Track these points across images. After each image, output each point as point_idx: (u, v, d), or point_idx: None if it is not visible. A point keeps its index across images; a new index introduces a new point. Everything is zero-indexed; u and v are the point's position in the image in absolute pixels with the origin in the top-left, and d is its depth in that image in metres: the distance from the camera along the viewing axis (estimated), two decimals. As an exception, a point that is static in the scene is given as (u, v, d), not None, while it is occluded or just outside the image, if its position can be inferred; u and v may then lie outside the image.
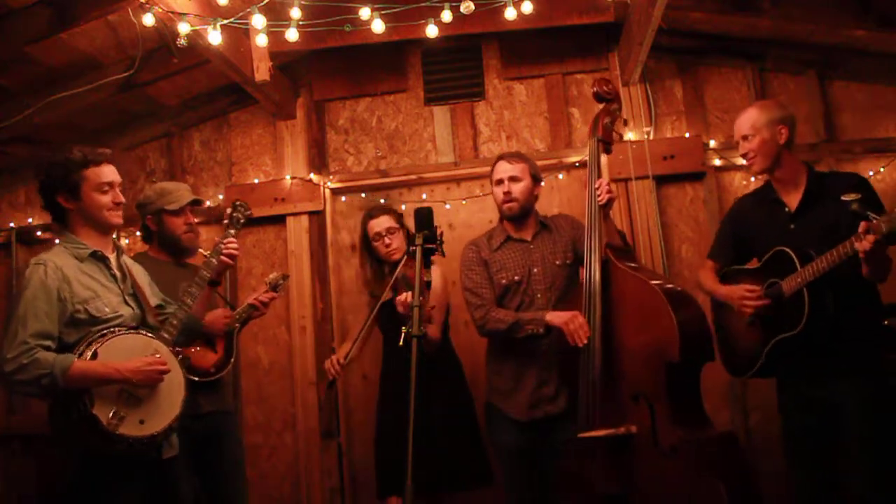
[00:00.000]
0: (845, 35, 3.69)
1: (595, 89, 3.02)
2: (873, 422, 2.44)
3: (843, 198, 2.31)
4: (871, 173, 3.86)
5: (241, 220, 2.76)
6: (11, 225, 4.31)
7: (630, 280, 2.71)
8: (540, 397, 2.94)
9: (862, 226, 2.22)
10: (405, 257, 3.23)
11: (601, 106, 3.01)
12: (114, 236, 2.50)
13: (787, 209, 2.67)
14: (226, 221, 2.75)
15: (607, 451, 2.63)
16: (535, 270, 3.02)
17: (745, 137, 2.71)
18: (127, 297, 2.37)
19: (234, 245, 2.63)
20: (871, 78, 3.94)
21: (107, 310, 2.28)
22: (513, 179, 3.05)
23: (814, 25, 3.66)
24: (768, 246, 2.63)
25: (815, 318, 2.44)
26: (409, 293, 3.03)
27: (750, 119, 2.71)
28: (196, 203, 3.11)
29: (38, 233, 4.28)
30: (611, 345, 2.68)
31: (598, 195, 2.83)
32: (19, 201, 4.42)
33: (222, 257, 2.59)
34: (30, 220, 4.34)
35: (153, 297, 2.52)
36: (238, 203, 2.80)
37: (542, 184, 3.20)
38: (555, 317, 2.80)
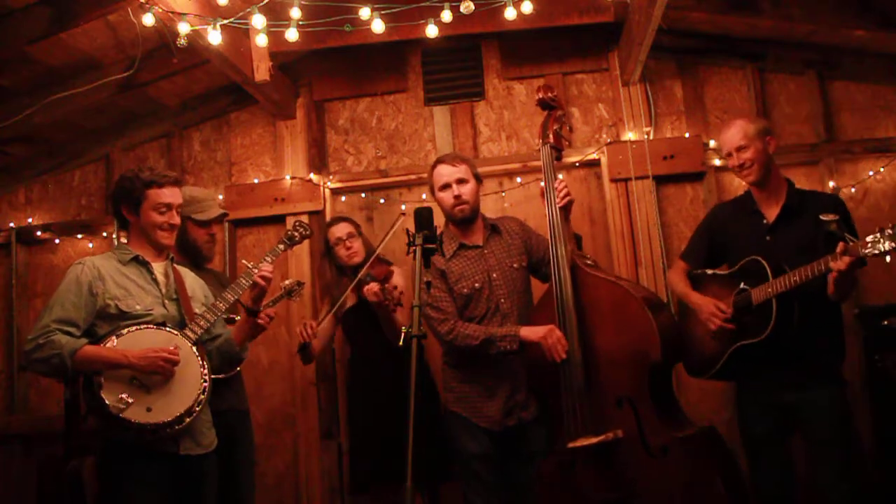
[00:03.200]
0: (845, 35, 3.69)
1: (540, 96, 2.97)
2: (837, 426, 2.60)
3: (821, 217, 2.45)
4: (871, 173, 3.87)
5: (296, 239, 2.87)
6: (11, 225, 4.32)
7: (602, 285, 2.70)
8: (514, 405, 2.86)
9: (840, 246, 2.30)
10: (368, 260, 3.27)
11: (546, 113, 2.97)
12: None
13: (765, 221, 2.75)
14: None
15: (596, 459, 2.61)
16: (495, 276, 2.92)
17: (739, 148, 2.75)
18: (166, 301, 2.49)
19: (268, 269, 2.62)
20: (871, 78, 3.94)
21: (137, 307, 2.41)
22: (460, 182, 2.93)
23: (814, 25, 3.66)
24: (743, 255, 2.71)
25: (780, 328, 2.54)
26: (375, 283, 3.06)
27: (742, 130, 2.76)
28: (223, 217, 3.14)
29: (38, 233, 4.29)
30: (589, 352, 2.66)
31: (558, 197, 2.78)
32: (19, 201, 4.43)
33: (256, 279, 2.58)
34: (30, 219, 4.35)
35: (201, 306, 2.59)
36: (299, 223, 2.93)
37: (482, 183, 3.11)
38: (530, 332, 2.73)
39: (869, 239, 2.25)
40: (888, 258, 2.21)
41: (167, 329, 2.42)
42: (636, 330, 2.58)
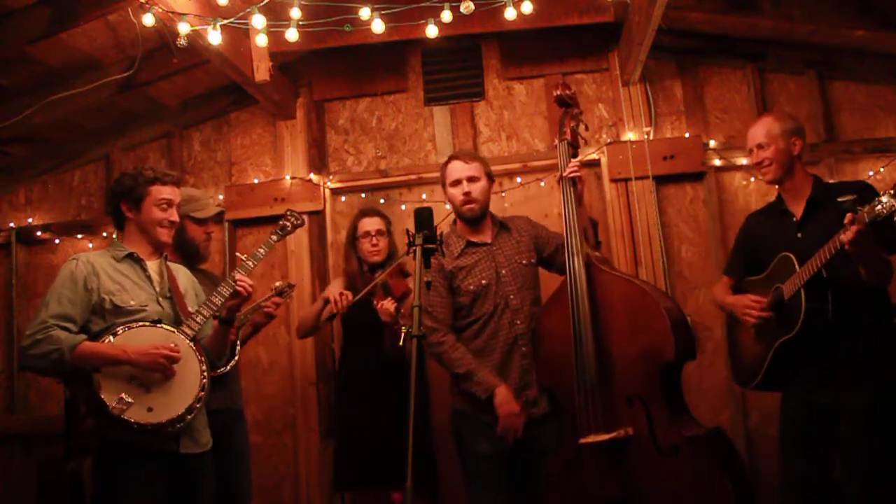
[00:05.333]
0: (845, 35, 3.69)
1: (558, 93, 2.96)
2: (872, 427, 2.46)
3: (838, 199, 2.39)
4: (871, 173, 3.87)
5: (288, 229, 2.89)
6: (11, 225, 4.32)
7: (616, 282, 2.70)
8: (525, 402, 2.84)
9: (847, 217, 2.25)
10: (388, 265, 3.26)
11: (562, 110, 2.96)
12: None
13: (794, 218, 2.70)
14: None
15: (603, 456, 2.60)
16: (503, 272, 2.90)
17: (760, 146, 2.72)
18: (160, 299, 2.49)
19: (246, 283, 2.54)
20: (871, 78, 3.94)
21: (132, 302, 2.40)
22: (471, 179, 2.91)
23: (814, 25, 3.66)
24: (776, 255, 2.66)
25: (812, 319, 2.45)
26: (390, 299, 3.05)
27: (765, 127, 2.72)
28: (220, 215, 3.14)
29: (38, 233, 4.29)
30: (601, 348, 2.66)
31: (566, 170, 2.80)
32: (19, 201, 4.43)
33: (237, 288, 2.52)
34: (30, 220, 4.35)
35: (193, 304, 2.58)
36: (290, 212, 2.94)
37: (493, 181, 3.09)
38: (500, 402, 2.71)
39: (872, 204, 2.18)
40: None
41: (163, 327, 2.41)
42: (651, 328, 2.57)
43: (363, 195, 4.23)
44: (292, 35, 3.07)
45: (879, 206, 2.14)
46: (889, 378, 2.51)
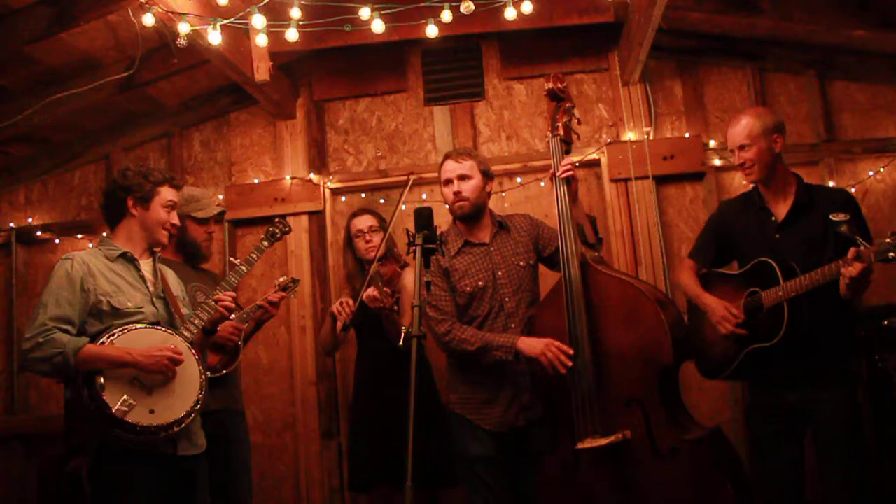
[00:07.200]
0: (845, 35, 3.69)
1: (549, 86, 2.91)
2: (844, 428, 2.54)
3: (831, 217, 2.38)
4: (871, 173, 3.87)
5: (277, 235, 2.93)
6: (11, 225, 4.32)
7: (613, 283, 2.67)
8: (520, 407, 2.83)
9: (851, 252, 2.27)
10: (380, 256, 3.27)
11: (554, 104, 2.92)
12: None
13: (773, 218, 2.69)
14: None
15: (602, 459, 2.58)
16: (500, 274, 2.88)
17: (741, 147, 2.69)
18: (154, 299, 2.47)
19: (227, 299, 2.52)
20: (871, 78, 3.94)
21: (129, 304, 2.38)
22: (462, 178, 2.89)
23: (814, 25, 3.67)
24: (752, 253, 2.67)
25: (792, 331, 2.51)
26: (373, 288, 3.07)
27: (746, 128, 2.68)
28: (221, 215, 3.16)
29: (38, 233, 4.29)
30: (598, 350, 2.63)
31: (559, 170, 2.76)
32: (19, 201, 4.43)
33: (219, 308, 2.50)
34: (30, 219, 4.35)
35: (185, 306, 2.58)
36: (279, 220, 2.98)
37: (493, 179, 3.07)
38: (527, 346, 2.68)
39: (881, 245, 2.23)
40: None
41: (162, 329, 2.39)
42: (648, 331, 2.55)
43: (363, 195, 4.23)
44: (292, 35, 3.07)
45: (892, 253, 2.20)
46: (854, 381, 2.63)
